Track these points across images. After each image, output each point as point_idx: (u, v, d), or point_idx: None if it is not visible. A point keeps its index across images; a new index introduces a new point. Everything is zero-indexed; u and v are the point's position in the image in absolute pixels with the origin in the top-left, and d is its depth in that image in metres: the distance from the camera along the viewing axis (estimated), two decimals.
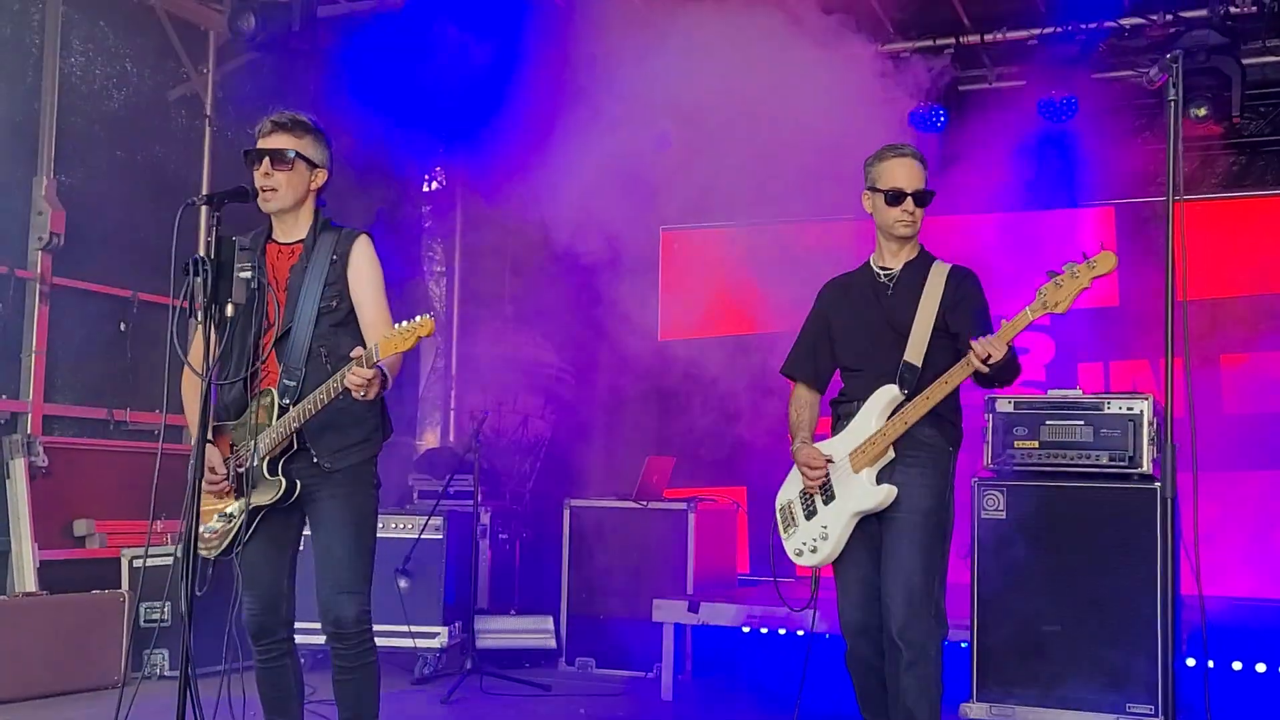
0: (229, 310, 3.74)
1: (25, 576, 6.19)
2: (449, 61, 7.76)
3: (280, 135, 3.93)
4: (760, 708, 6.30)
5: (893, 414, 4.02)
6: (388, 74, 7.51)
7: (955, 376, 3.92)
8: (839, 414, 4.24)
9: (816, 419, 4.33)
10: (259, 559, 3.94)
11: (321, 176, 4.02)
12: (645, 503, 7.02)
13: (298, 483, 3.86)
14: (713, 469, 8.25)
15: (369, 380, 3.66)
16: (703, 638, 6.69)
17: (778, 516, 4.28)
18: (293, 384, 3.85)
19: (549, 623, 7.15)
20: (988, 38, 7.50)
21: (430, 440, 9.63)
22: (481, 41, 7.68)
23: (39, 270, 6.56)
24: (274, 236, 4.03)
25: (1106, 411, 5.11)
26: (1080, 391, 5.26)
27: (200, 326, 3.76)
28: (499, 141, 8.51)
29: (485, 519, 7.54)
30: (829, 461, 4.11)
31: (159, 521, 6.17)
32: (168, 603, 6.12)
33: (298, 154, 3.92)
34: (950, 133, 7.67)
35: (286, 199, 3.94)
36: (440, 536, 6.75)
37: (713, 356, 8.59)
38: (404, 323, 3.64)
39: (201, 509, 3.88)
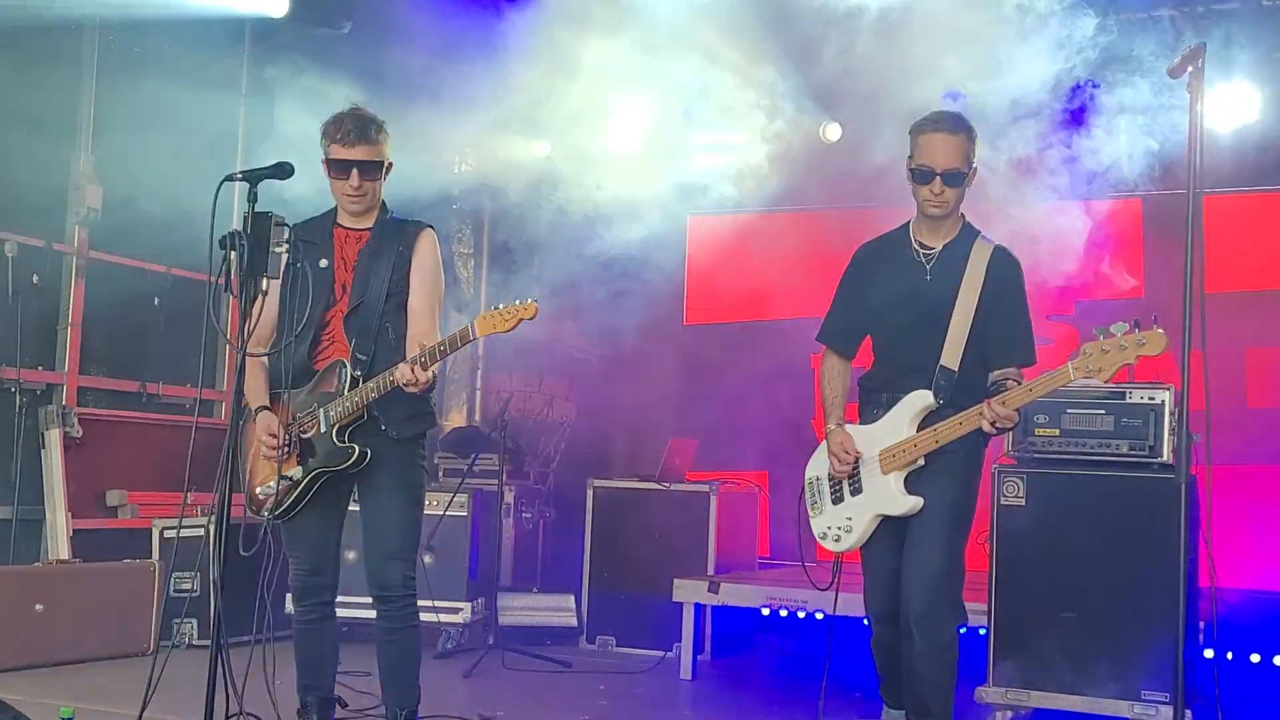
0: (264, 285, 3.84)
1: (59, 545, 6.31)
2: (483, 40, 7.80)
3: (365, 147, 4.10)
4: (778, 688, 6.36)
5: (925, 421, 4.01)
6: (422, 53, 7.56)
7: (969, 423, 3.90)
8: (868, 400, 4.21)
9: (848, 391, 4.29)
10: (310, 522, 4.10)
11: (391, 168, 4.21)
12: (668, 484, 7.07)
13: (369, 451, 4.02)
14: (735, 453, 8.29)
15: (422, 381, 3.85)
16: (722, 619, 6.75)
17: (805, 489, 4.30)
18: (364, 358, 4.04)
19: (570, 601, 7.23)
20: (1018, 23, 7.48)
21: (456, 419, 9.71)
22: (515, 20, 7.72)
23: (76, 244, 6.67)
24: (340, 221, 4.22)
25: (1128, 401, 5.11)
26: (1102, 380, 5.27)
27: (249, 298, 3.88)
28: (527, 122, 8.56)
29: (509, 498, 7.61)
30: (858, 456, 4.11)
31: (189, 493, 6.26)
32: (197, 573, 6.23)
33: (384, 163, 4.14)
34: (977, 119, 7.65)
35: (373, 202, 4.18)
36: (465, 514, 6.83)
37: (737, 341, 8.64)
38: (503, 305, 3.83)
39: (264, 472, 4.08)
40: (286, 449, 4.03)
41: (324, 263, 4.13)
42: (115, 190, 6.80)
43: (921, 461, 4.03)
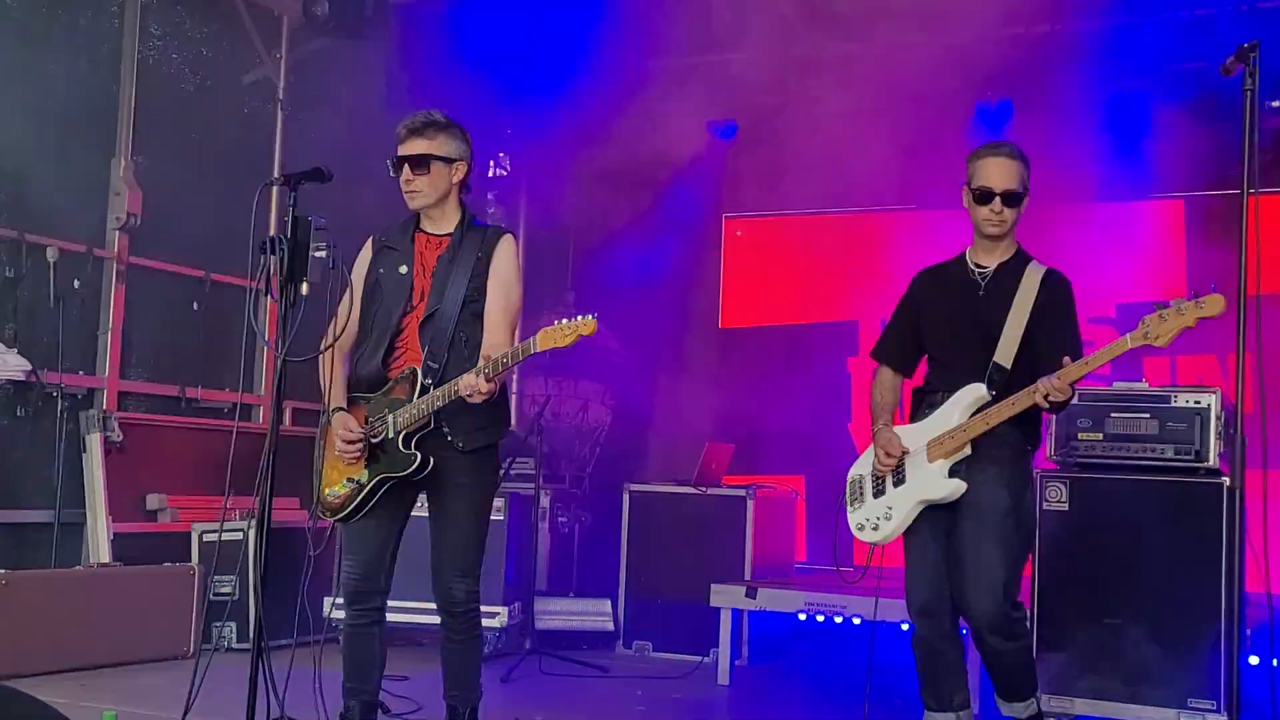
0: (304, 289, 3.86)
1: (100, 548, 6.34)
2: (517, 47, 7.82)
3: (415, 141, 4.14)
4: (816, 694, 6.32)
5: (976, 413, 4.10)
6: (456, 60, 7.59)
7: (1021, 401, 3.99)
8: (922, 402, 4.31)
9: (899, 402, 4.42)
10: (369, 527, 4.13)
11: (461, 169, 4.21)
12: (704, 489, 7.05)
13: (431, 459, 4.04)
14: (772, 457, 8.26)
15: (483, 392, 3.86)
16: (759, 624, 6.72)
17: (847, 488, 4.38)
18: (436, 366, 4.05)
19: (607, 605, 7.22)
20: (1059, 27, 7.43)
21: None
22: (549, 28, 7.74)
23: (116, 249, 6.71)
24: (422, 227, 4.25)
25: (1173, 405, 5.07)
26: (1146, 384, 5.23)
27: (289, 303, 3.90)
28: (564, 127, 8.57)
29: (545, 502, 7.60)
30: (904, 451, 4.19)
31: (229, 497, 6.30)
32: (237, 577, 6.26)
33: (432, 156, 4.12)
34: (1019, 123, 7.62)
35: (430, 197, 4.18)
36: (502, 518, 6.81)
37: (773, 345, 8.62)
38: (565, 321, 3.79)
39: (329, 474, 4.12)
40: (359, 450, 4.06)
41: (403, 269, 4.17)
42: (155, 196, 6.84)
43: (969, 450, 4.10)
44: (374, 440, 4.07)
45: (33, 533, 6.32)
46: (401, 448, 4.04)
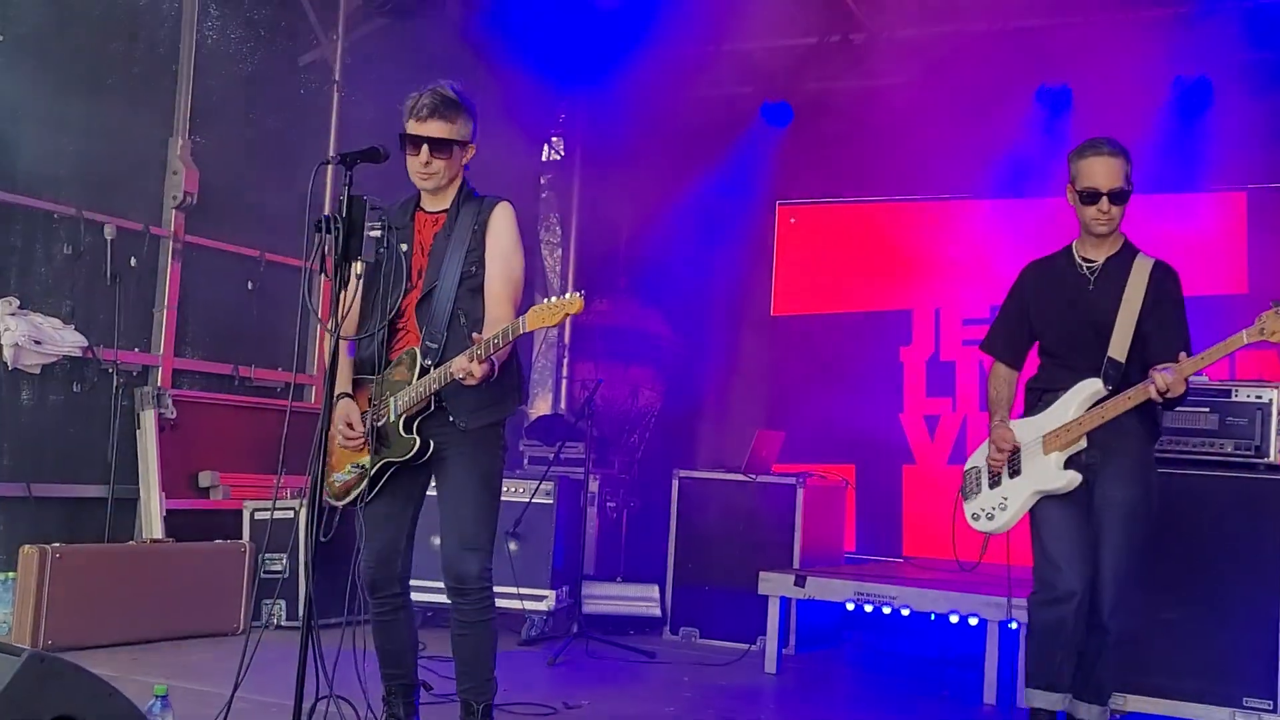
0: (358, 268, 3.84)
1: (153, 524, 6.40)
2: (573, 31, 7.80)
3: (437, 123, 4.02)
4: (864, 684, 6.29)
5: (1091, 407, 4.17)
6: (512, 43, 7.58)
7: (1136, 396, 4.05)
8: (1039, 399, 4.35)
9: (1015, 396, 4.47)
10: (381, 513, 4.03)
11: (471, 150, 4.13)
12: (754, 476, 7.01)
13: (431, 442, 3.95)
14: (822, 446, 8.21)
15: (476, 375, 3.75)
16: (807, 613, 6.69)
17: (963, 480, 4.49)
18: (435, 346, 3.95)
19: (654, 591, 7.21)
20: (1120, 15, 7.32)
21: (541, 408, 9.73)
22: (605, 11, 7.72)
23: (173, 228, 6.76)
24: (422, 205, 4.16)
25: (1234, 400, 4.99)
26: (1206, 379, 5.13)
27: (342, 282, 3.87)
28: (618, 112, 8.55)
29: (594, 486, 7.59)
30: (1017, 446, 4.29)
31: (281, 476, 6.34)
32: (288, 555, 6.30)
33: (454, 142, 4.03)
34: (1078, 111, 7.52)
35: (444, 180, 4.09)
36: (551, 502, 6.82)
37: (826, 333, 8.56)
38: (553, 299, 3.71)
39: (335, 459, 4.03)
40: (362, 437, 3.97)
41: (404, 248, 4.07)
42: (212, 175, 6.89)
43: (1083, 442, 4.17)
44: (377, 424, 3.97)
45: (87, 508, 6.40)
46: (402, 431, 3.94)
